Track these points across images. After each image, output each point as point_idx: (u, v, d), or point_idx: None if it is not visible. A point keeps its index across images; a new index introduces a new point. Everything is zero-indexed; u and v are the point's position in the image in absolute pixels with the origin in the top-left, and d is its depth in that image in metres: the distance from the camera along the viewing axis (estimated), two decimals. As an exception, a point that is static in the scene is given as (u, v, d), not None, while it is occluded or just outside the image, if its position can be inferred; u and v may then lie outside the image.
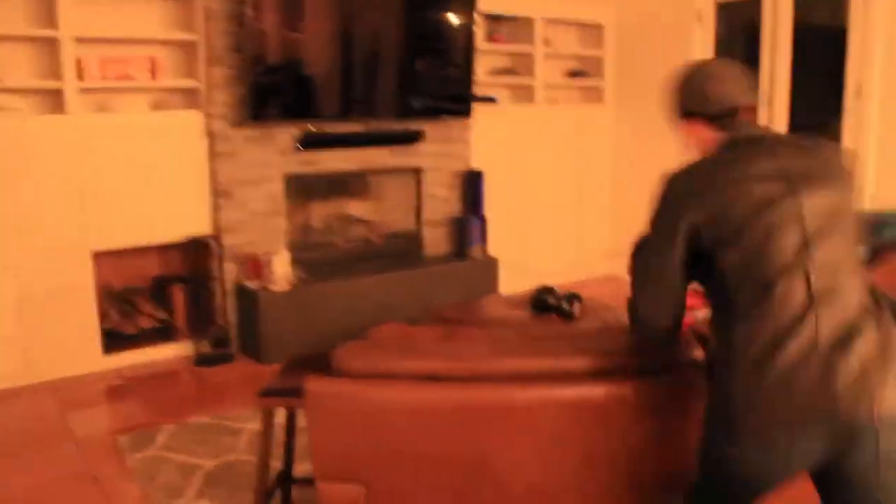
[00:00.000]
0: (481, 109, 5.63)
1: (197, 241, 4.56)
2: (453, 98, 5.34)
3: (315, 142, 4.85)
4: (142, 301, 4.69)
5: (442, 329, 2.07)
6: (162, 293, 4.76)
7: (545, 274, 6.09)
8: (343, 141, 4.99)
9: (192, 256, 4.59)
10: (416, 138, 5.27)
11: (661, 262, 1.75)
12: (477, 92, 5.50)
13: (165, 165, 4.48)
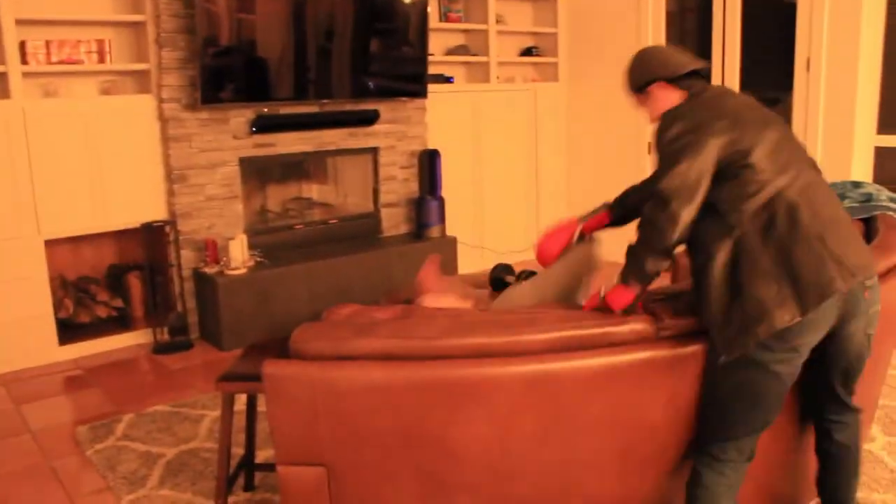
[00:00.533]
0: (437, 89, 5.62)
1: (152, 228, 4.50)
2: (408, 78, 5.32)
3: (270, 124, 4.81)
4: (97, 290, 4.63)
5: (398, 309, 2.07)
6: (118, 281, 4.70)
7: (502, 253, 6.13)
8: (298, 123, 4.95)
9: (148, 243, 4.53)
10: (372, 119, 5.24)
11: (698, 170, 1.87)
12: (432, 71, 5.49)
13: (117, 151, 4.40)
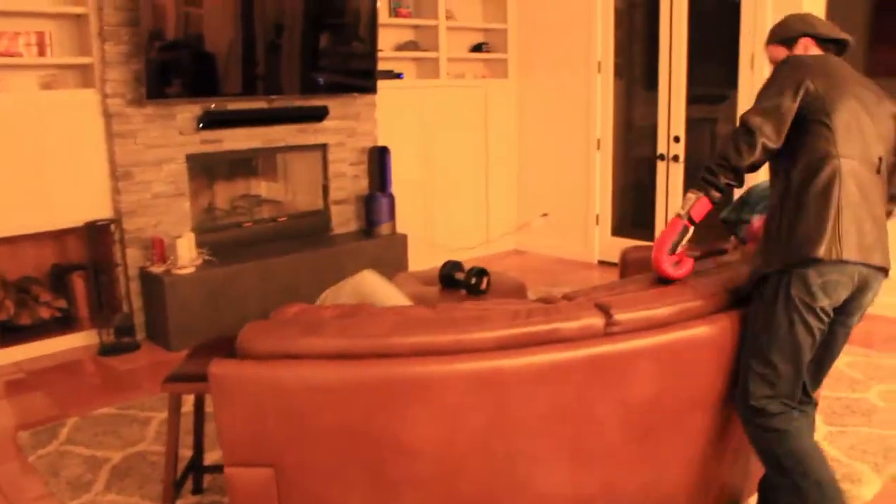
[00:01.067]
0: (387, 85, 5.60)
1: (97, 226, 4.41)
2: (358, 73, 5.29)
3: (217, 120, 4.74)
4: (39, 290, 4.51)
5: (346, 307, 2.06)
6: (61, 281, 4.59)
7: (453, 249, 6.14)
8: (246, 119, 4.89)
9: (93, 242, 4.43)
10: (321, 115, 5.20)
11: (787, 107, 2.21)
12: (382, 67, 5.46)
13: (59, 147, 4.30)
